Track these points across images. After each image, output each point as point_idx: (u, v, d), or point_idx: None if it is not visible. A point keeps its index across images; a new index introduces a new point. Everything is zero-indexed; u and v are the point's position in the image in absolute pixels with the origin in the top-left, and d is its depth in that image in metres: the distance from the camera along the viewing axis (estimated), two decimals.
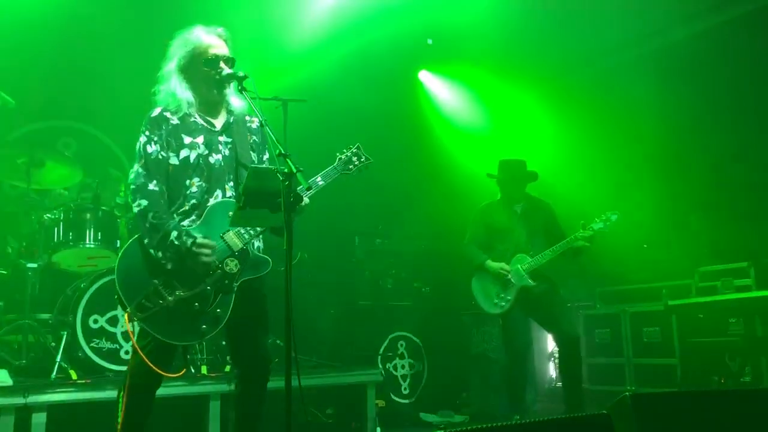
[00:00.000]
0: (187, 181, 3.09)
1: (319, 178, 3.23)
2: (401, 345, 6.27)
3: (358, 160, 3.39)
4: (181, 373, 3.22)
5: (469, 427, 1.96)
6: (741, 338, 5.35)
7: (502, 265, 5.05)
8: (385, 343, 6.17)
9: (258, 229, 3.09)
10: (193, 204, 3.09)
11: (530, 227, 5.16)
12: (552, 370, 7.30)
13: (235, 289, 3.06)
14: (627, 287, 6.70)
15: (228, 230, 3.06)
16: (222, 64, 3.16)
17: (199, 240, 2.95)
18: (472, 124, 8.04)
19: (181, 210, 3.08)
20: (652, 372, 6.08)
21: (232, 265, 3.03)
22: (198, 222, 3.07)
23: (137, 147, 3.11)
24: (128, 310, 2.90)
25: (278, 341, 5.34)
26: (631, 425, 2.24)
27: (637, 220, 6.81)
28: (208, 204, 3.10)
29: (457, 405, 6.27)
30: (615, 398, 2.34)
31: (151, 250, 2.95)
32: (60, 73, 6.34)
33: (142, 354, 2.90)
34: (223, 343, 4.97)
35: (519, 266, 5.02)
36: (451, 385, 6.41)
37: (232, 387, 4.51)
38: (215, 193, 3.12)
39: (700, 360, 5.64)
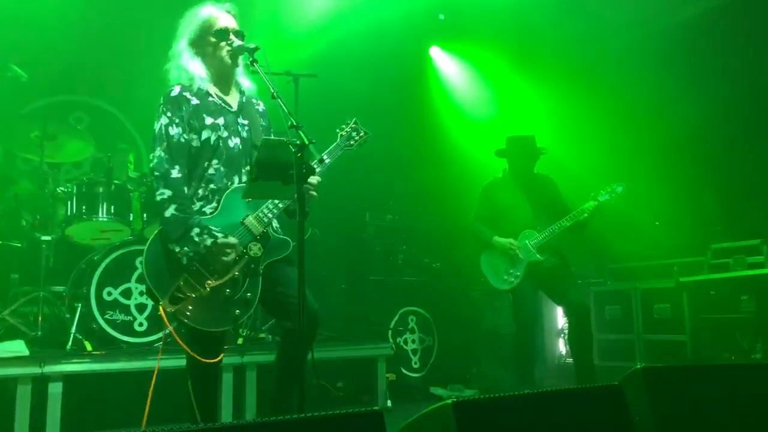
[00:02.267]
0: (206, 163, 3.08)
1: (326, 156, 3.24)
2: (412, 320, 6.30)
3: (357, 134, 3.37)
4: (219, 359, 3.28)
5: (481, 396, 1.98)
6: (752, 315, 5.33)
7: (510, 240, 5.05)
8: (396, 318, 6.20)
9: (275, 211, 3.09)
10: (212, 189, 3.08)
11: (535, 202, 5.16)
12: (561, 347, 7.31)
13: (261, 272, 3.08)
14: (638, 264, 6.68)
15: (247, 215, 3.07)
16: (232, 36, 3.16)
17: (220, 240, 2.95)
18: (480, 102, 7.98)
19: (201, 194, 3.07)
20: (662, 348, 6.08)
21: (255, 249, 3.05)
22: (217, 210, 3.06)
23: (157, 129, 3.06)
24: (161, 302, 2.91)
25: None
26: (642, 398, 2.26)
27: (649, 197, 6.79)
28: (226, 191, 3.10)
29: (467, 379, 6.30)
30: (625, 374, 2.35)
31: (169, 244, 2.93)
32: (73, 48, 6.33)
33: (186, 348, 2.95)
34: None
35: (527, 242, 5.02)
36: (461, 360, 6.44)
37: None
38: (233, 179, 3.12)
39: (710, 336, 5.63)
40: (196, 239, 2.91)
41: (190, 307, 2.92)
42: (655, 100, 6.71)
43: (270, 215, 3.09)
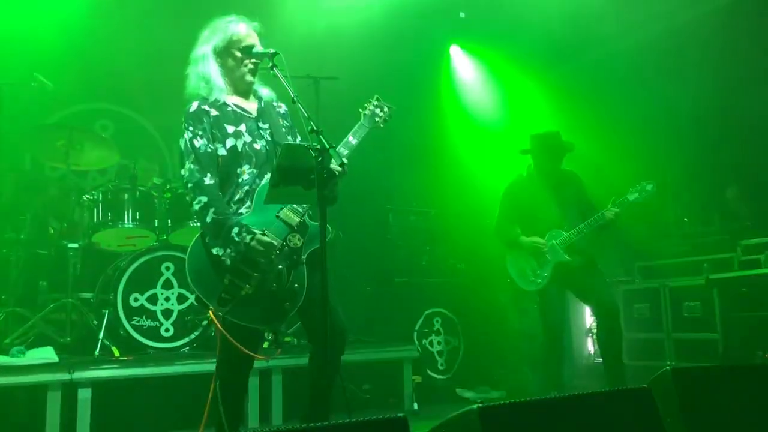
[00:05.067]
0: (238, 170, 3.11)
1: (351, 137, 3.20)
2: (437, 321, 6.27)
3: (381, 110, 3.35)
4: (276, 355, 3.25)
5: (507, 402, 1.95)
6: None
7: (536, 239, 4.98)
8: (421, 320, 6.18)
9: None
10: (247, 191, 3.10)
11: (563, 201, 5.04)
12: (590, 346, 7.22)
13: (304, 261, 3.07)
14: (667, 261, 6.56)
15: (282, 208, 3.06)
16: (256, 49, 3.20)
17: (258, 236, 2.94)
18: (501, 104, 7.92)
19: (236, 198, 3.10)
20: (692, 347, 5.97)
21: (295, 240, 3.03)
22: (252, 208, 3.07)
23: (183, 144, 3.11)
24: (210, 307, 2.92)
25: None
26: (672, 400, 2.21)
27: (678, 193, 6.68)
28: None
29: (494, 381, 6.24)
30: (654, 373, 2.31)
31: (212, 248, 2.95)
32: (97, 57, 6.41)
33: (236, 343, 2.93)
34: None
35: (554, 242, 4.94)
36: (487, 362, 6.39)
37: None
38: (265, 178, 3.12)
39: (742, 335, 5.51)
40: (236, 239, 2.92)
41: (239, 307, 2.92)
42: (683, 95, 6.59)
43: (305, 205, 3.07)
